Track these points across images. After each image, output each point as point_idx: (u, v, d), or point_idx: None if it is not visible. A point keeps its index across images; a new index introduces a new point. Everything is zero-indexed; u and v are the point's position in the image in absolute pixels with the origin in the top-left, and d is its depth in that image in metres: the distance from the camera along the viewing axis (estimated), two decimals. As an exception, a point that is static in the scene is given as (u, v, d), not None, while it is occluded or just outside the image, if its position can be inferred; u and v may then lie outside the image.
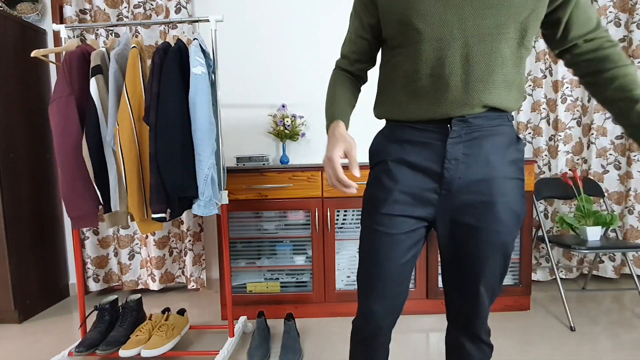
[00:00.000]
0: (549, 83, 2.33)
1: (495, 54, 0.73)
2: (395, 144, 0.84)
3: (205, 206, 1.46)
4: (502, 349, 1.63)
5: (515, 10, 0.71)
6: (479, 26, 0.72)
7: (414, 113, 0.80)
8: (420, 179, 0.80)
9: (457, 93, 0.75)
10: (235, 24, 2.33)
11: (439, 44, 0.74)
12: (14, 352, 1.72)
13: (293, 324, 1.68)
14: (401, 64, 0.80)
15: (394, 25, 0.78)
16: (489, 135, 0.78)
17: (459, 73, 0.74)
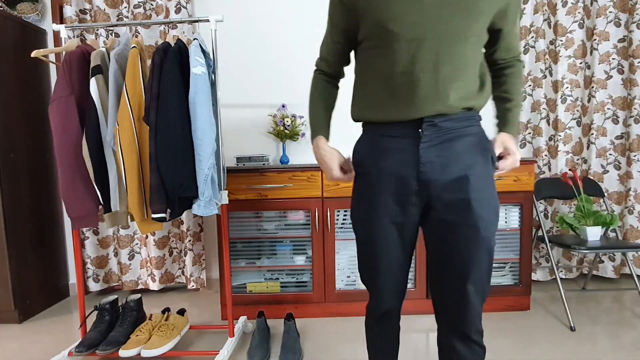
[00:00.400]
0: (548, 83, 2.33)
1: (462, 54, 0.81)
2: (374, 154, 0.89)
3: (205, 206, 1.46)
4: (502, 349, 1.63)
5: (480, 17, 0.80)
6: (449, 28, 0.79)
7: (388, 113, 0.85)
8: (401, 185, 0.85)
9: (428, 90, 0.80)
10: (235, 24, 2.33)
11: (412, 44, 0.80)
12: (14, 352, 1.72)
13: (293, 324, 1.68)
14: (376, 63, 0.85)
15: (369, 28, 0.83)
16: (459, 136, 0.84)
17: (430, 71, 0.80)
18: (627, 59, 2.25)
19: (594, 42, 2.23)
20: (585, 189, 2.14)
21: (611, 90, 2.28)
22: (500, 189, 1.92)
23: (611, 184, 2.32)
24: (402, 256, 0.91)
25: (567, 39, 2.27)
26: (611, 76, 2.28)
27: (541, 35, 2.26)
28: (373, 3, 0.82)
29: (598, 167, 2.30)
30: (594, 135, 2.27)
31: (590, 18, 2.26)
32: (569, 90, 2.31)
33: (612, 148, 2.30)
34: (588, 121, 2.30)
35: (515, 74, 0.93)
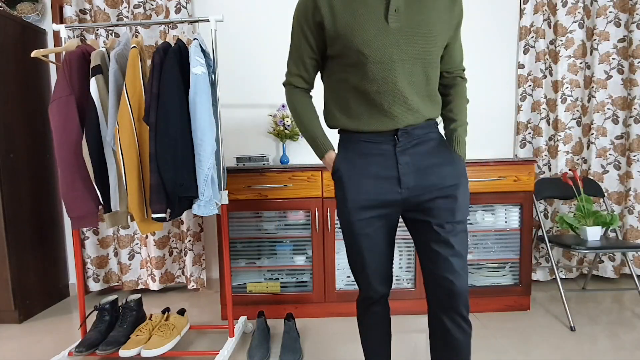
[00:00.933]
0: (548, 83, 2.33)
1: (424, 73, 0.94)
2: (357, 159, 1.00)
3: (205, 206, 1.46)
4: (502, 349, 1.63)
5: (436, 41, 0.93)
6: (412, 51, 0.91)
7: (369, 125, 0.97)
8: (384, 187, 0.98)
9: (401, 105, 0.94)
10: (235, 24, 2.33)
11: (382, 66, 0.91)
12: (14, 352, 1.72)
13: (293, 324, 1.68)
14: (350, 79, 0.96)
15: (342, 49, 0.93)
16: (423, 142, 0.99)
17: (401, 89, 0.93)
18: (627, 59, 2.25)
19: (594, 42, 2.23)
20: (585, 189, 2.14)
21: (611, 90, 2.28)
22: (500, 189, 1.92)
23: (611, 184, 2.32)
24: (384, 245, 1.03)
25: (567, 39, 2.27)
26: (611, 76, 2.28)
27: (541, 35, 2.26)
28: (345, 29, 0.91)
29: (598, 167, 2.30)
30: (594, 135, 2.27)
31: (590, 18, 2.26)
32: (569, 90, 2.31)
33: (612, 148, 2.30)
34: (588, 121, 2.30)
35: (459, 93, 1.06)
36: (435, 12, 0.93)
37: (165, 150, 1.38)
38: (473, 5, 2.32)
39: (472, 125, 2.39)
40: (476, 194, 1.93)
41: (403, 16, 0.90)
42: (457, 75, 1.07)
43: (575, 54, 2.29)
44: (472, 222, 2.02)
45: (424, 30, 0.91)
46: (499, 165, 1.91)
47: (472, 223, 2.02)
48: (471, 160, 1.91)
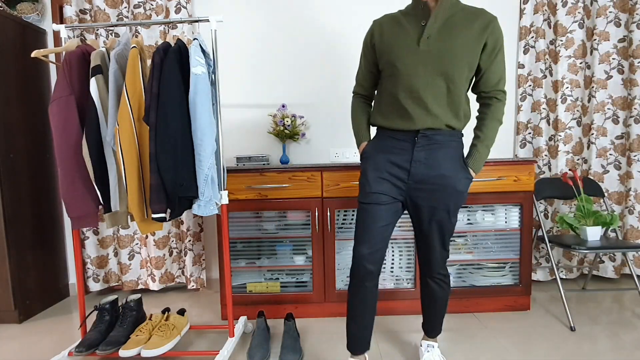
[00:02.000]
0: (548, 83, 2.33)
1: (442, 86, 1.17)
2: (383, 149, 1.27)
3: (205, 206, 1.46)
4: (502, 349, 1.63)
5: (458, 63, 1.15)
6: (435, 69, 1.16)
7: (395, 123, 1.23)
8: (396, 171, 1.24)
9: (421, 110, 1.19)
10: (235, 24, 2.33)
11: (409, 78, 1.18)
12: (14, 352, 1.72)
13: (293, 324, 1.68)
14: (388, 87, 1.24)
15: (384, 63, 1.23)
16: (442, 147, 1.22)
17: (422, 96, 1.17)
18: (627, 59, 2.25)
19: (594, 42, 2.23)
20: (586, 189, 2.14)
21: (611, 90, 2.28)
22: (500, 189, 1.92)
23: (611, 184, 2.32)
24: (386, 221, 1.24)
25: (567, 39, 2.27)
26: (611, 76, 2.28)
27: (541, 35, 2.26)
28: (387, 48, 1.21)
29: (598, 167, 2.30)
30: (594, 135, 2.27)
31: (590, 18, 2.26)
32: (569, 90, 2.31)
33: (612, 148, 2.30)
34: (588, 121, 2.30)
35: (491, 113, 1.25)
36: (461, 40, 1.15)
37: (165, 150, 1.38)
38: (473, 5, 2.32)
39: (472, 125, 2.39)
40: (476, 194, 1.93)
41: (433, 42, 1.15)
42: (492, 96, 1.25)
43: (575, 54, 2.29)
44: (472, 222, 2.02)
45: (448, 54, 1.14)
46: (499, 165, 1.91)
47: (472, 223, 2.02)
48: (471, 160, 1.90)
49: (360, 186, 1.29)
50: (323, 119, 2.37)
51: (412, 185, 1.23)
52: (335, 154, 2.36)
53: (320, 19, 2.32)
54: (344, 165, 1.88)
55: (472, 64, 1.17)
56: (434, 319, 1.43)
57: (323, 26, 2.32)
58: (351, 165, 1.89)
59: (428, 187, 1.22)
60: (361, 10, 2.31)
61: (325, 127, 2.38)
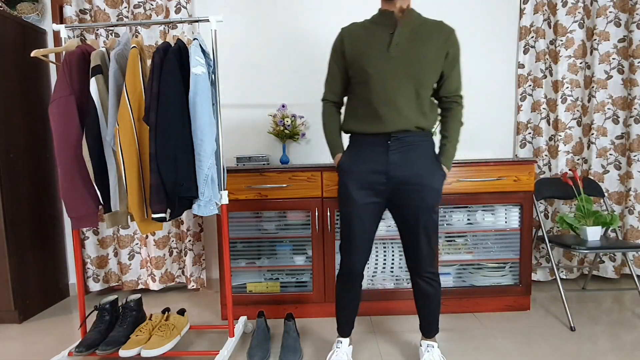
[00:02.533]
0: (549, 83, 2.33)
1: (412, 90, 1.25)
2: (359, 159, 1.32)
3: (205, 206, 1.46)
4: (502, 349, 1.63)
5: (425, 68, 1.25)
6: (405, 74, 1.24)
7: (368, 127, 1.29)
8: (376, 178, 1.30)
9: (394, 113, 1.25)
10: (235, 24, 2.33)
11: (383, 83, 1.25)
12: (14, 352, 1.72)
13: (293, 324, 1.67)
14: (361, 93, 1.29)
15: (356, 70, 1.29)
16: (415, 148, 1.29)
17: (393, 100, 1.25)
18: (627, 59, 2.25)
19: (594, 42, 2.23)
20: (586, 189, 2.14)
21: (611, 90, 2.28)
22: (500, 189, 1.92)
23: (611, 184, 2.32)
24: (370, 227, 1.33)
25: (567, 39, 2.27)
26: (611, 76, 2.28)
27: (541, 35, 2.26)
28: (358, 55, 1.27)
29: (598, 167, 2.30)
30: (594, 135, 2.27)
31: (590, 18, 2.26)
32: (569, 90, 2.31)
33: (613, 148, 2.30)
34: (588, 121, 2.30)
35: (453, 117, 1.36)
36: (427, 48, 1.24)
37: (165, 150, 1.38)
38: (473, 5, 2.32)
39: (472, 125, 2.39)
40: (476, 194, 1.93)
41: (402, 48, 1.24)
42: (452, 101, 1.36)
43: (575, 54, 2.29)
44: (472, 222, 2.02)
45: (417, 60, 1.24)
46: (499, 165, 1.91)
47: (472, 223, 2.02)
48: (471, 160, 1.91)
49: (341, 197, 1.34)
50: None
51: (392, 187, 1.30)
52: (335, 154, 2.36)
53: (321, 19, 2.32)
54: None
55: (437, 70, 1.28)
56: (429, 318, 1.46)
57: (323, 26, 2.32)
58: (351, 165, 1.88)
59: (407, 187, 1.29)
60: (361, 10, 2.31)
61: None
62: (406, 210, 1.31)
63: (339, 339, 1.52)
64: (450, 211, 2.01)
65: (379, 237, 1.98)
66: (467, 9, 2.32)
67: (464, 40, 2.34)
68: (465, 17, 2.33)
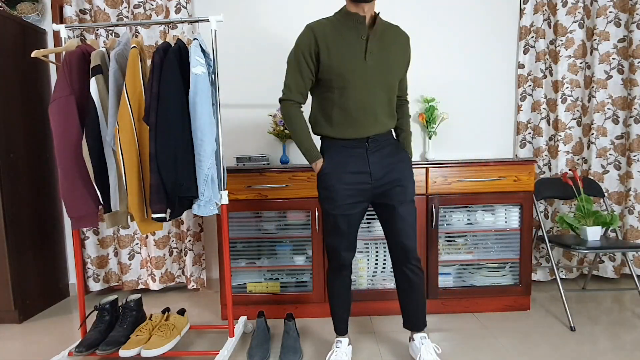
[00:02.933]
0: (549, 83, 2.33)
1: (386, 96, 1.33)
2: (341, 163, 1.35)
3: (205, 206, 1.46)
4: (502, 349, 1.63)
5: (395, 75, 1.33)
6: (380, 81, 1.30)
7: (347, 133, 1.33)
8: (360, 178, 1.35)
9: (371, 120, 1.32)
10: (235, 24, 2.33)
11: (359, 90, 1.28)
12: (14, 352, 1.72)
13: (293, 324, 1.67)
14: (335, 98, 1.30)
15: (331, 75, 1.27)
16: (385, 146, 1.38)
17: (371, 107, 1.31)
18: (627, 59, 2.25)
19: (594, 42, 2.23)
20: (585, 189, 2.14)
21: (611, 90, 2.28)
22: (500, 189, 1.92)
23: (611, 184, 2.32)
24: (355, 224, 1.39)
25: (567, 39, 2.27)
26: (611, 76, 2.28)
27: (541, 35, 2.26)
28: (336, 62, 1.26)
29: (598, 167, 2.30)
30: (594, 135, 2.27)
31: (590, 18, 2.26)
32: (569, 90, 2.31)
33: (612, 148, 2.30)
34: (588, 121, 2.30)
35: (406, 112, 1.51)
36: (395, 56, 1.32)
37: (165, 150, 1.38)
38: (473, 5, 2.32)
39: (472, 125, 2.39)
40: (476, 194, 1.93)
41: (375, 57, 1.29)
42: (404, 99, 1.52)
43: (575, 54, 2.29)
44: (472, 222, 2.02)
45: (387, 68, 1.30)
46: (499, 165, 1.91)
47: (472, 223, 2.02)
48: (471, 160, 1.91)
49: (326, 199, 1.37)
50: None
51: (376, 184, 1.36)
52: (335, 154, 2.36)
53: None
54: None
55: (401, 75, 1.37)
56: (417, 308, 1.48)
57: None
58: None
59: (390, 181, 1.36)
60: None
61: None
62: (394, 202, 1.36)
63: (338, 339, 1.54)
64: (450, 211, 2.01)
65: (379, 237, 1.98)
66: (467, 9, 2.32)
67: (464, 40, 2.34)
68: (466, 17, 2.33)
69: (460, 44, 2.34)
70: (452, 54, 2.35)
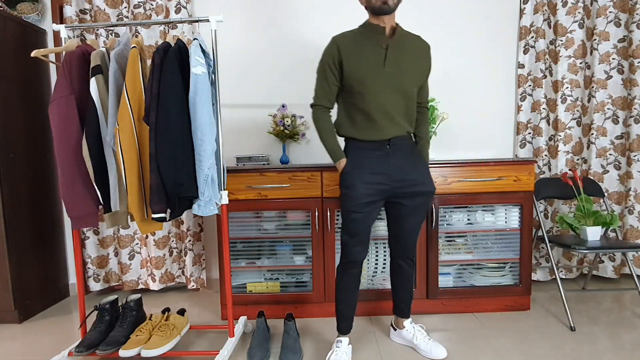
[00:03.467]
0: (548, 83, 2.33)
1: (404, 101, 1.42)
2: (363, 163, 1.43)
3: (205, 206, 1.46)
4: (502, 349, 1.63)
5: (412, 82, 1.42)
6: (397, 87, 1.39)
7: (368, 135, 1.42)
8: (380, 179, 1.43)
9: (390, 123, 1.41)
10: (235, 24, 2.33)
11: (379, 94, 1.38)
12: (14, 352, 1.72)
13: (293, 324, 1.67)
14: (358, 103, 1.41)
15: (353, 81, 1.39)
16: (407, 149, 1.47)
17: (390, 110, 1.40)
18: (627, 59, 2.25)
19: (594, 42, 2.23)
20: (585, 189, 2.14)
21: (611, 90, 2.28)
22: (500, 189, 1.92)
23: (611, 184, 2.32)
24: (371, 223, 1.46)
25: (567, 39, 2.27)
26: (611, 76, 2.28)
27: (541, 35, 2.26)
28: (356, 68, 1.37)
29: (598, 167, 2.30)
30: (594, 135, 2.27)
31: (590, 18, 2.26)
32: (569, 90, 2.31)
33: (612, 148, 2.30)
34: (588, 121, 2.30)
35: (424, 120, 1.57)
36: (413, 64, 1.42)
37: (165, 150, 1.38)
38: (473, 5, 2.32)
39: (472, 125, 2.39)
40: (476, 194, 1.93)
41: (394, 64, 1.38)
42: (423, 107, 1.58)
43: (575, 54, 2.29)
44: (472, 222, 2.02)
45: (405, 76, 1.40)
46: (499, 165, 1.91)
47: (472, 223, 2.02)
48: (471, 160, 1.91)
49: (347, 197, 1.43)
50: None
51: (394, 185, 1.43)
52: (335, 154, 2.36)
53: (320, 19, 2.32)
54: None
55: (420, 82, 1.46)
56: (408, 296, 1.65)
57: (323, 26, 2.32)
58: (351, 165, 1.88)
59: (407, 183, 1.44)
60: (362, 10, 2.31)
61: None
62: (408, 203, 1.47)
63: (338, 339, 1.56)
64: (450, 211, 2.01)
65: (380, 237, 1.98)
66: (467, 9, 2.32)
67: (464, 40, 2.34)
68: (466, 17, 2.33)
69: (460, 43, 2.34)
70: (452, 54, 2.35)
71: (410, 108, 1.45)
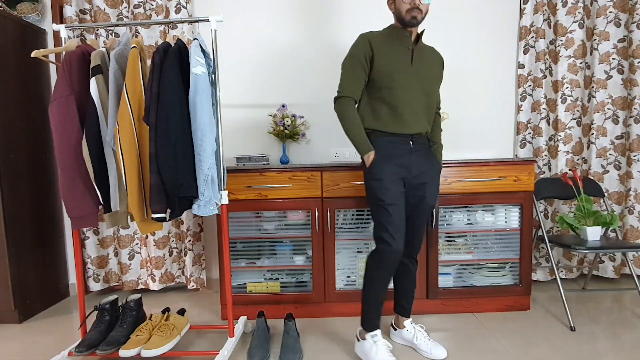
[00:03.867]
0: (548, 83, 2.33)
1: (426, 100, 1.50)
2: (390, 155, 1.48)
3: (205, 206, 1.46)
4: (502, 349, 1.63)
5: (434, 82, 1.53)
6: (421, 85, 1.48)
7: (394, 128, 1.47)
8: (404, 173, 1.48)
9: (415, 118, 1.48)
10: (235, 24, 2.33)
11: (407, 90, 1.45)
12: (14, 352, 1.72)
13: (293, 324, 1.67)
14: (385, 97, 1.46)
15: (383, 76, 1.45)
16: (423, 148, 1.53)
17: (415, 106, 1.47)
18: (627, 59, 2.25)
19: (594, 42, 2.23)
20: (585, 189, 2.14)
21: (611, 90, 2.28)
22: (500, 189, 1.92)
23: (611, 184, 2.32)
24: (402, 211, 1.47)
25: (567, 39, 2.27)
26: (611, 76, 2.28)
27: (541, 35, 2.26)
28: (386, 64, 1.44)
29: (598, 167, 2.30)
30: (594, 135, 2.27)
31: (590, 18, 2.26)
32: (569, 90, 2.31)
33: (612, 148, 2.30)
34: (588, 121, 2.30)
35: (438, 124, 1.65)
36: (433, 69, 1.52)
37: (165, 150, 1.38)
38: (473, 5, 2.32)
39: (472, 125, 2.39)
40: (476, 194, 1.93)
41: (420, 65, 1.48)
42: (436, 112, 1.64)
43: (575, 54, 2.29)
44: (472, 222, 2.02)
45: (428, 78, 1.49)
46: (499, 165, 1.91)
47: (472, 223, 2.02)
48: (471, 160, 1.91)
49: (378, 189, 1.45)
50: (323, 119, 2.37)
51: (413, 181, 1.50)
52: (335, 154, 2.36)
53: (320, 19, 2.32)
54: (344, 165, 1.88)
55: (438, 86, 1.56)
56: (411, 295, 1.68)
57: (323, 26, 2.32)
58: (351, 165, 1.89)
59: (423, 180, 1.51)
60: (361, 11, 2.31)
61: (325, 127, 2.38)
62: (420, 200, 1.53)
63: (372, 333, 1.54)
64: (450, 211, 2.01)
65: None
66: (468, 9, 2.32)
67: (464, 40, 2.34)
68: (466, 16, 2.33)
69: (460, 43, 2.34)
70: (452, 54, 2.35)
71: (431, 108, 1.52)
